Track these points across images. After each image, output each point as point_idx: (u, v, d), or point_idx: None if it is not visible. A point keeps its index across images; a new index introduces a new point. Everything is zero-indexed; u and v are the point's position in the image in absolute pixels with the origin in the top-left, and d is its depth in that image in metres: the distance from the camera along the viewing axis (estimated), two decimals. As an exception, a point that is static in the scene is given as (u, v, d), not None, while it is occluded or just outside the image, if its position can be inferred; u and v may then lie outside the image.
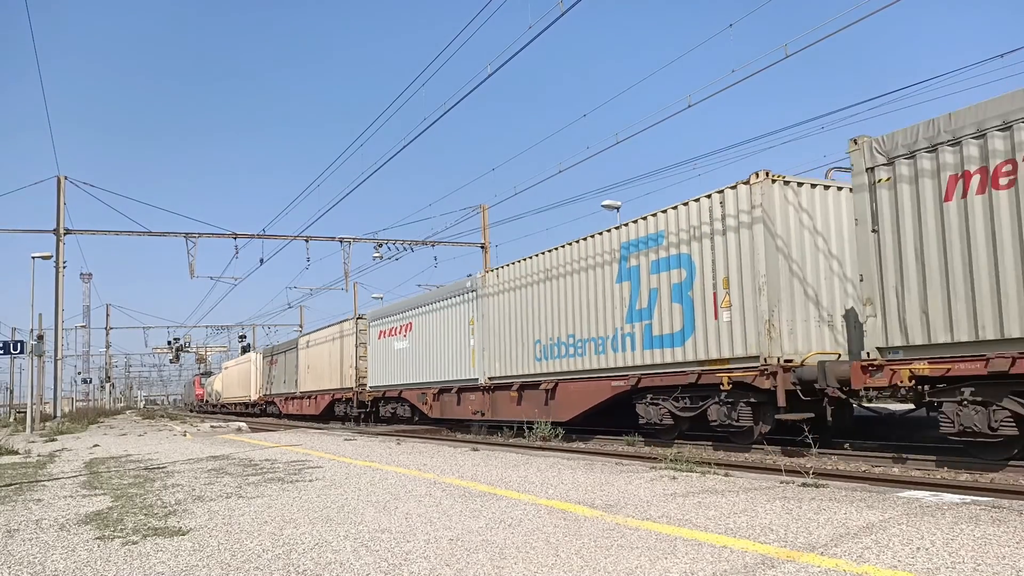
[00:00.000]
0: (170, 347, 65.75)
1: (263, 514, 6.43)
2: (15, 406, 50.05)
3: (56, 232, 28.88)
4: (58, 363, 30.05)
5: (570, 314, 16.75)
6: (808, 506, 6.03)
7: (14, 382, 56.01)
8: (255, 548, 5.04)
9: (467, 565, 4.38)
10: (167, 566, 4.60)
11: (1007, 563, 4.04)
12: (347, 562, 4.56)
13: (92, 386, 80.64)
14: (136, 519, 6.35)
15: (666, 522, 5.50)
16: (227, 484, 8.73)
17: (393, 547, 4.94)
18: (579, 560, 4.41)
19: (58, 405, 31.04)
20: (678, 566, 4.19)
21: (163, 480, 9.35)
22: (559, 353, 17.13)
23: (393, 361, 26.23)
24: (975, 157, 8.97)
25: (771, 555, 4.38)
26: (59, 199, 29.27)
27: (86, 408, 63.97)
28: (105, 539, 5.52)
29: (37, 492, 8.58)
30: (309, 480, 8.88)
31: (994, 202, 8.76)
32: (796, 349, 12.07)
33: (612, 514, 5.90)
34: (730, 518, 5.60)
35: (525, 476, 8.63)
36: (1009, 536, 4.68)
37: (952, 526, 5.04)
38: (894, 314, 9.83)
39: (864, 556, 4.29)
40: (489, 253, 34.05)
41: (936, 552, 4.32)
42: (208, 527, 5.87)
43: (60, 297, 29.04)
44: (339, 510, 6.53)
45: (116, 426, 31.78)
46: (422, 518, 5.99)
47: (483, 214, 33.99)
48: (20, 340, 27.73)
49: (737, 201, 12.53)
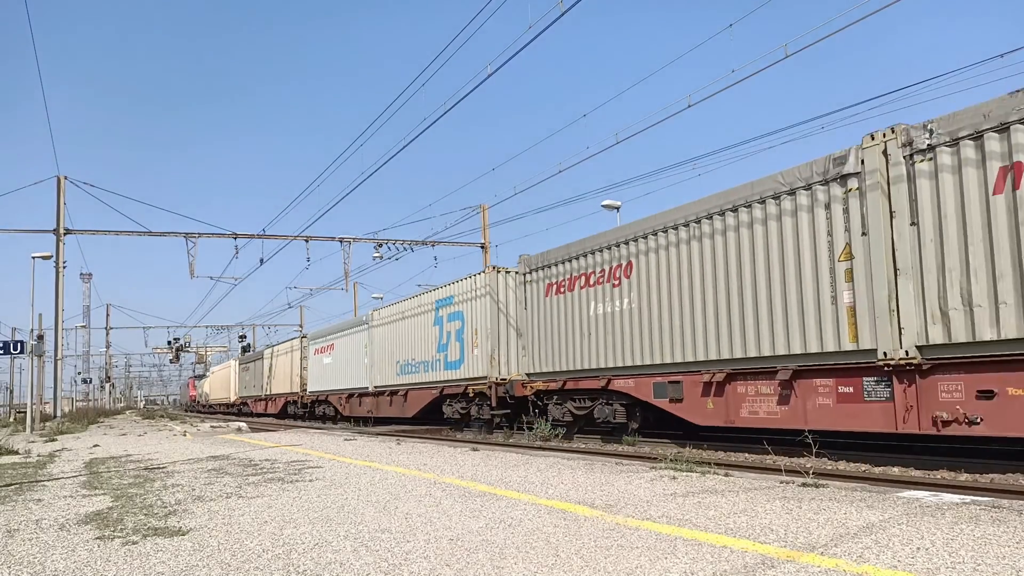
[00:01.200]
0: (170, 347, 65.75)
1: (263, 514, 6.43)
2: (15, 406, 50.02)
3: (56, 232, 28.88)
4: (58, 363, 30.05)
5: (413, 344, 24.67)
6: (808, 506, 6.03)
7: (14, 382, 56.10)
8: (255, 548, 5.04)
9: (467, 565, 4.38)
10: (167, 566, 4.60)
11: (1007, 563, 4.04)
12: (347, 562, 4.56)
13: (92, 386, 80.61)
14: (136, 519, 6.35)
15: (666, 522, 5.50)
16: (227, 484, 8.73)
17: (393, 547, 4.94)
18: (579, 560, 4.41)
19: (58, 405, 31.04)
20: (678, 566, 4.19)
21: (163, 480, 9.36)
22: (408, 371, 25.00)
23: (323, 373, 34.08)
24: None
25: (771, 555, 4.38)
26: (59, 199, 29.27)
27: (86, 408, 63.93)
28: (105, 539, 5.52)
29: (37, 492, 8.58)
30: (309, 480, 8.88)
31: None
32: (509, 372, 19.56)
33: (612, 514, 5.90)
34: (730, 518, 5.60)
35: (525, 476, 8.63)
36: (1009, 536, 4.68)
37: (952, 526, 5.04)
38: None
39: (864, 556, 4.29)
40: (489, 253, 34.04)
41: (936, 552, 4.33)
42: (208, 527, 5.87)
43: (60, 297, 29.05)
44: (339, 510, 6.54)
45: (116, 426, 31.78)
46: (422, 518, 5.99)
47: (483, 214, 33.98)
48: (20, 340, 27.73)
49: (482, 282, 20.26)
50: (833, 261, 10.65)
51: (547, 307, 17.28)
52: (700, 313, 12.87)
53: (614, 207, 27.15)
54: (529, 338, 18.01)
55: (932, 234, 9.45)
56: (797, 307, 11.14)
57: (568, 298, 16.51)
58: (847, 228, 10.47)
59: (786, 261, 11.35)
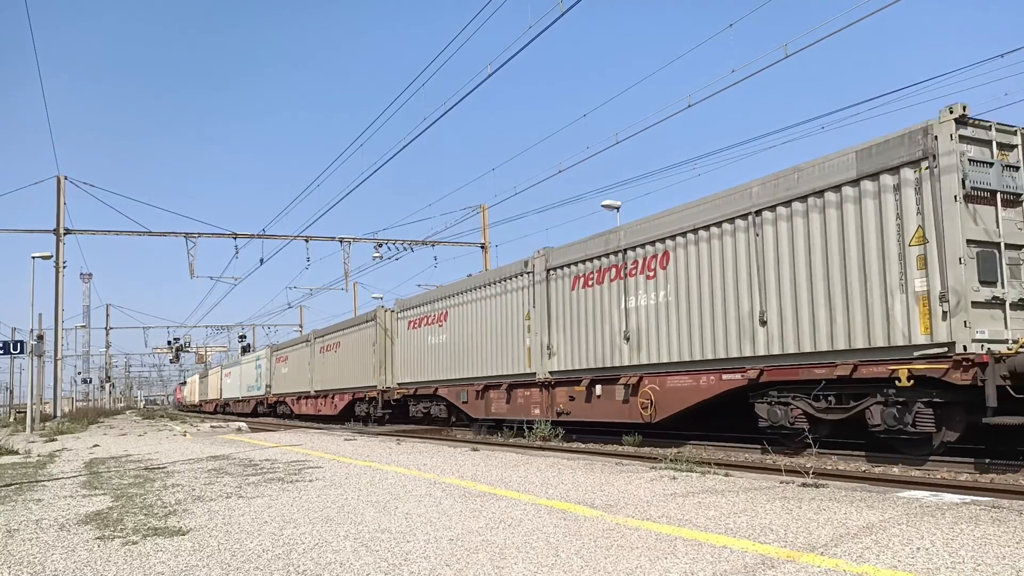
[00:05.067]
0: (170, 347, 65.71)
1: (263, 514, 6.43)
2: (15, 406, 50.01)
3: (56, 232, 28.88)
4: (58, 363, 30.06)
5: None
6: (808, 506, 6.03)
7: (14, 382, 56.11)
8: (255, 548, 5.04)
9: (467, 565, 4.38)
10: (167, 566, 4.60)
11: (1007, 563, 4.04)
12: (347, 562, 4.56)
13: (92, 386, 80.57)
14: (136, 519, 6.35)
15: (666, 522, 5.50)
16: (227, 484, 8.73)
17: (393, 547, 4.94)
18: (579, 560, 4.41)
19: (58, 405, 31.05)
20: (678, 566, 4.19)
21: (163, 480, 9.35)
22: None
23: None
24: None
25: (771, 555, 4.38)
26: (59, 199, 29.27)
27: (86, 408, 63.89)
28: (105, 539, 5.52)
29: (37, 492, 8.58)
30: (309, 480, 8.88)
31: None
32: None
33: (612, 514, 5.90)
34: (730, 518, 5.60)
35: (525, 476, 8.63)
36: (1009, 536, 4.68)
37: (952, 526, 5.04)
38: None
39: (864, 556, 4.29)
40: (489, 253, 34.05)
41: (936, 552, 4.33)
42: (208, 527, 5.87)
43: (60, 297, 29.05)
44: (339, 510, 6.54)
45: (116, 426, 31.78)
46: (422, 518, 5.99)
47: (483, 214, 33.99)
48: (20, 340, 27.71)
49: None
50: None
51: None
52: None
53: (614, 207, 27.15)
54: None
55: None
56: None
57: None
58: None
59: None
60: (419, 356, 23.39)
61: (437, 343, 22.10)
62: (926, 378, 9.37)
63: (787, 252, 11.28)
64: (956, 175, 9.19)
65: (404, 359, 24.58)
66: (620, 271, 14.60)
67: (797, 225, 11.14)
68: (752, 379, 11.63)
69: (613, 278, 14.82)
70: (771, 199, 11.49)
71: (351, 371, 29.76)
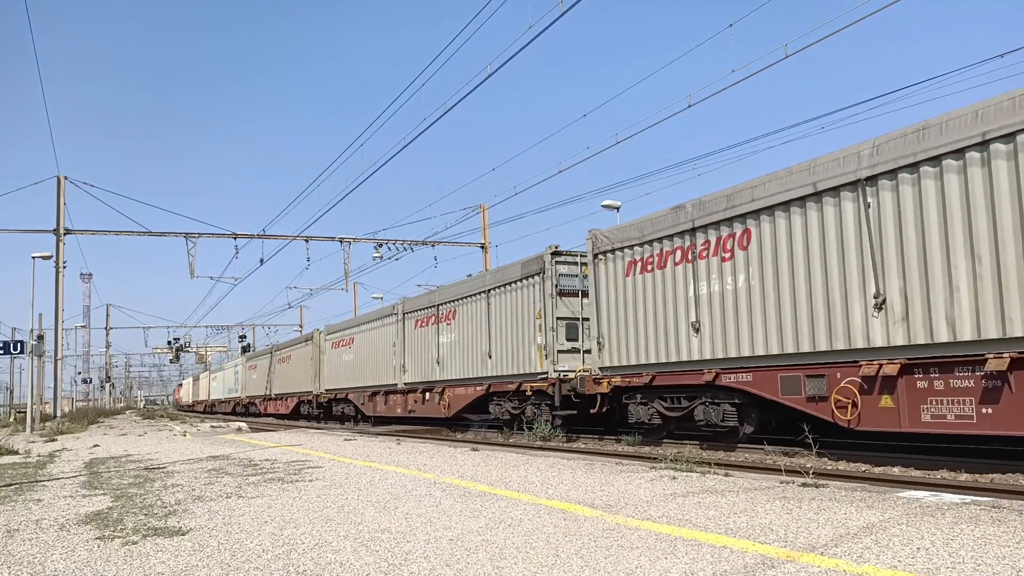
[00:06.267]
0: (170, 347, 65.76)
1: (263, 514, 6.43)
2: (15, 406, 50.00)
3: (56, 232, 28.88)
4: (58, 363, 30.07)
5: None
6: (808, 506, 6.03)
7: (14, 382, 56.13)
8: (255, 548, 5.04)
9: (467, 565, 4.38)
10: (167, 566, 4.60)
11: (1007, 563, 4.04)
12: (347, 562, 4.56)
13: (92, 386, 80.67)
14: (136, 519, 6.35)
15: (666, 522, 5.50)
16: (227, 484, 8.73)
17: (393, 547, 4.94)
18: (579, 560, 4.41)
19: (58, 405, 31.05)
20: (678, 566, 4.19)
21: (163, 480, 9.35)
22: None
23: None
24: None
25: (771, 555, 4.38)
26: (59, 199, 29.27)
27: (86, 408, 63.91)
28: (105, 539, 5.52)
29: (37, 492, 8.58)
30: (309, 480, 8.88)
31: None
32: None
33: (612, 514, 5.90)
34: (730, 518, 5.60)
35: (525, 476, 8.63)
36: (1009, 536, 4.68)
37: (952, 526, 5.04)
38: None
39: (864, 556, 4.29)
40: (489, 253, 34.06)
41: (936, 552, 4.33)
42: (208, 527, 5.87)
43: (60, 297, 29.05)
44: (339, 510, 6.54)
45: (116, 426, 31.78)
46: (422, 518, 5.99)
47: (483, 214, 34.00)
48: (20, 340, 27.72)
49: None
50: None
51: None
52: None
53: (614, 207, 27.15)
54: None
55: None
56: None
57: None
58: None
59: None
60: (337, 369, 30.76)
61: (348, 360, 29.47)
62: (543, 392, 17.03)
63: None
64: (552, 281, 16.70)
65: (329, 371, 31.89)
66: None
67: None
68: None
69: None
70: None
71: (296, 379, 37.12)
